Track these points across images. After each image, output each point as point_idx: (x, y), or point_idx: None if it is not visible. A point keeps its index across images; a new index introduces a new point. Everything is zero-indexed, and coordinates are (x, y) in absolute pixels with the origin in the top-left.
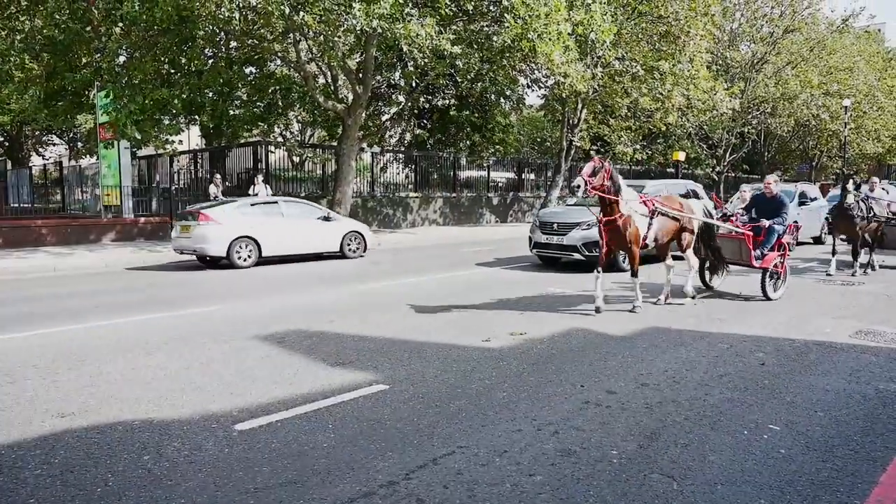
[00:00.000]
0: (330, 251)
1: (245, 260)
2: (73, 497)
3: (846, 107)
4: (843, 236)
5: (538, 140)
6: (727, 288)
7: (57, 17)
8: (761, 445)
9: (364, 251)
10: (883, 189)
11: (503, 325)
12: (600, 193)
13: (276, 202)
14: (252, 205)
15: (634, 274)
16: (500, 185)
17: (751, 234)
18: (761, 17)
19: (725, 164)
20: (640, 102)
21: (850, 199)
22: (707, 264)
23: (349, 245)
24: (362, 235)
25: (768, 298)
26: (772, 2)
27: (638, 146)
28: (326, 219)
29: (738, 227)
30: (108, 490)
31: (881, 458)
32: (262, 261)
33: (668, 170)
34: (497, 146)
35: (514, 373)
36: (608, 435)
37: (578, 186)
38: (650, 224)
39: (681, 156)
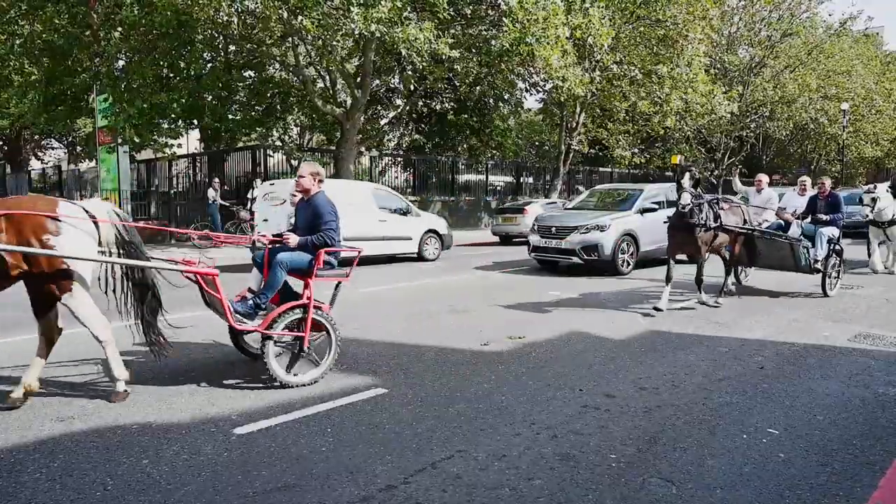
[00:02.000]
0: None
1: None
2: (72, 501)
3: (844, 110)
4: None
5: (537, 144)
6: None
7: (56, 21)
8: (760, 449)
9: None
10: (778, 192)
11: (501, 329)
12: None
13: (555, 203)
14: (546, 203)
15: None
16: (498, 188)
17: (214, 271)
18: (759, 20)
19: (724, 167)
20: (638, 106)
21: (686, 198)
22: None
23: None
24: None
25: (285, 385)
26: (770, 5)
27: (636, 150)
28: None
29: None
30: (108, 494)
31: (880, 462)
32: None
33: (667, 173)
34: (495, 150)
35: (512, 377)
36: (607, 439)
37: None
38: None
39: (679, 159)
